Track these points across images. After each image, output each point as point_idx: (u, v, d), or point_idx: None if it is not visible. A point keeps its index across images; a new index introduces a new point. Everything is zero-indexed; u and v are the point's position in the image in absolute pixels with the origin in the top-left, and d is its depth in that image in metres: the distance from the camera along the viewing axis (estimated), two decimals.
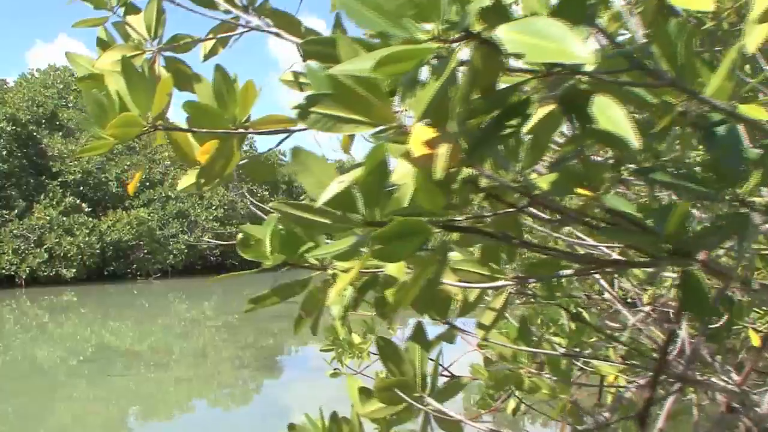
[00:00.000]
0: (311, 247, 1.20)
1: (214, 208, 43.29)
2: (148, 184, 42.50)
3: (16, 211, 36.35)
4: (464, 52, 0.79)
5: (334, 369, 2.78)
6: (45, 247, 36.23)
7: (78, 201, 38.22)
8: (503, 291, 1.29)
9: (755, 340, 1.81)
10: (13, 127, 36.67)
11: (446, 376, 3.04)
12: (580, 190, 1.11)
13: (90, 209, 38.83)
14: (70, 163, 39.01)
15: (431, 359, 1.91)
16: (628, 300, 2.65)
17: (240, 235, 1.17)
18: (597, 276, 2.22)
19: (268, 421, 9.61)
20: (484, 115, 0.84)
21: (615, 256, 1.61)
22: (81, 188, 39.52)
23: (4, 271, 35.59)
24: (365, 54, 0.74)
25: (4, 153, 36.31)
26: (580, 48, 0.68)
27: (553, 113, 0.89)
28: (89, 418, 9.94)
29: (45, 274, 36.29)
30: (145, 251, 39.65)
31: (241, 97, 1.29)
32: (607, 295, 2.45)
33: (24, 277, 35.99)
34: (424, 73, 0.92)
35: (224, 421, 9.77)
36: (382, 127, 0.87)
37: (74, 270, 36.57)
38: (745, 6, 1.41)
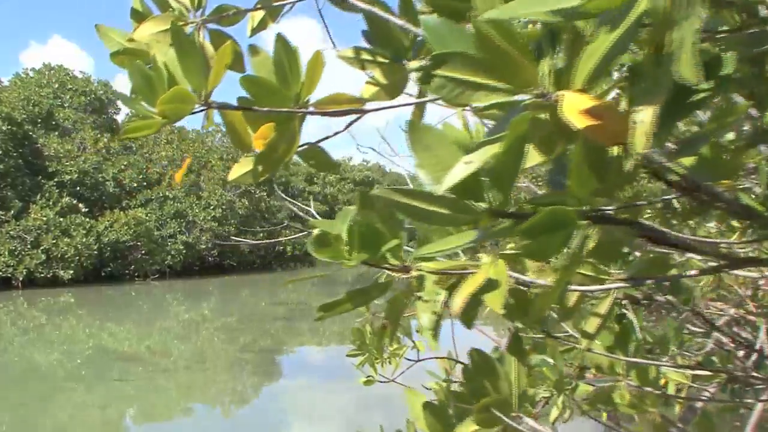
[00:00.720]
0: (395, 245, 1.03)
1: (212, 208, 43.01)
2: (145, 184, 42.23)
3: (12, 211, 36.02)
4: None
5: (368, 376, 2.59)
6: (42, 248, 35.91)
7: (75, 201, 37.90)
8: (609, 294, 1.12)
9: None
10: (9, 127, 36.35)
11: None
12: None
13: (86, 210, 38.52)
14: (67, 163, 38.71)
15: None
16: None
17: (316, 232, 1.00)
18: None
19: (267, 425, 9.44)
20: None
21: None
22: (77, 188, 39.20)
23: (0, 273, 35.29)
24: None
25: (0, 153, 36.00)
26: None
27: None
28: (87, 421, 9.76)
29: (42, 275, 35.96)
30: (143, 252, 39.35)
31: (308, 71, 1.12)
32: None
33: (21, 278, 35.68)
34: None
35: (223, 425, 9.60)
36: (522, 96, 0.70)
37: (72, 271, 36.24)
38: None
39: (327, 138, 1.24)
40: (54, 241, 35.99)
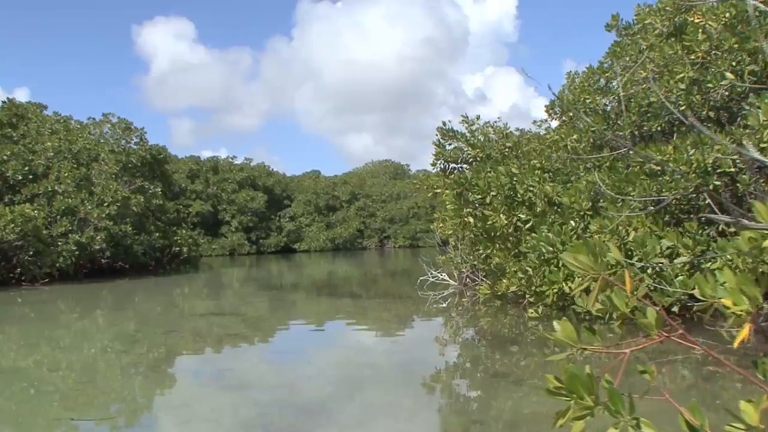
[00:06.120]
0: None
1: (106, 204, 40.46)
2: (31, 177, 39.23)
3: None
4: None
5: None
6: None
7: None
8: None
9: None
10: None
11: None
12: None
13: None
14: None
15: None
16: None
17: None
18: None
19: None
20: None
21: None
22: None
23: None
24: None
25: None
26: None
27: None
28: None
29: None
30: (31, 253, 36.16)
31: None
32: None
33: None
34: None
35: None
36: None
37: None
38: None
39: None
40: None
